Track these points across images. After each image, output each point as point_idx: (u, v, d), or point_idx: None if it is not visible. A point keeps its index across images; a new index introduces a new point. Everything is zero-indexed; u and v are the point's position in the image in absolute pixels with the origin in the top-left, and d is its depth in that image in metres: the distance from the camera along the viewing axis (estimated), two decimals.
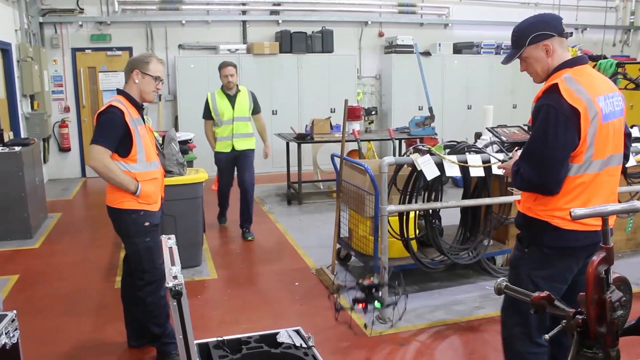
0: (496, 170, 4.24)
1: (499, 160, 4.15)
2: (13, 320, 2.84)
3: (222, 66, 6.49)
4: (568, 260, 2.66)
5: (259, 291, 5.13)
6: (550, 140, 2.50)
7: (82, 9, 10.48)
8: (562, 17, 2.71)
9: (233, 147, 6.62)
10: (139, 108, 3.66)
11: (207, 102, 6.60)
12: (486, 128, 6.85)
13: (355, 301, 4.18)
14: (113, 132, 3.45)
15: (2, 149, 6.73)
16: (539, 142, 2.55)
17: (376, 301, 4.21)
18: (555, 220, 2.59)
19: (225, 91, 6.57)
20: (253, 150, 6.78)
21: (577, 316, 1.97)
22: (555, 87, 2.51)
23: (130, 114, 3.52)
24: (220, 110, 6.53)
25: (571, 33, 2.74)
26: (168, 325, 3.76)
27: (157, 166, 3.72)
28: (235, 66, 6.55)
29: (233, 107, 6.55)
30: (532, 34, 2.66)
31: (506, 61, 2.95)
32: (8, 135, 7.29)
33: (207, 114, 6.63)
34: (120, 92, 3.65)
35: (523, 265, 2.76)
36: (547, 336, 2.06)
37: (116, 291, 4.81)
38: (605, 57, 10.78)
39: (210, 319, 4.55)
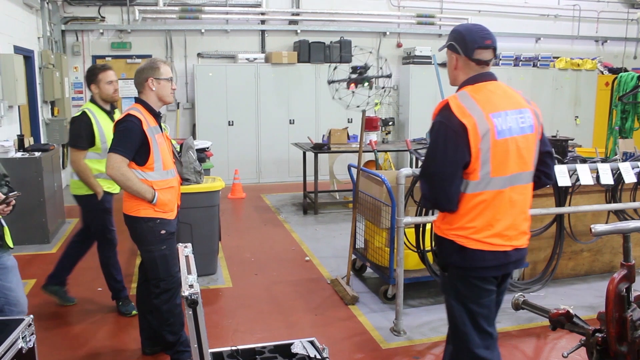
0: None
1: None
2: (30, 325, 2.86)
3: (102, 70, 4.53)
4: (480, 280, 2.60)
5: (274, 301, 5.12)
6: (439, 155, 2.51)
7: (104, 17, 10.62)
8: (493, 36, 2.62)
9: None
10: (157, 116, 3.69)
11: (87, 123, 4.45)
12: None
13: (349, 83, 4.92)
14: (131, 141, 3.48)
15: (22, 155, 6.82)
16: (430, 158, 2.57)
17: (366, 82, 5.01)
18: (460, 239, 2.58)
19: (102, 106, 4.58)
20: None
21: (596, 334, 1.93)
22: (447, 104, 2.53)
23: (148, 123, 3.54)
24: (109, 137, 4.27)
25: (487, 61, 2.61)
26: (182, 334, 3.76)
27: (173, 174, 3.74)
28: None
29: None
30: (450, 40, 2.68)
31: (440, 48, 2.99)
32: (28, 141, 7.39)
33: (89, 141, 4.45)
34: (138, 100, 3.69)
35: (450, 289, 2.73)
36: (566, 353, 2.03)
37: (131, 298, 4.83)
38: (625, 70, 10.68)
39: (224, 327, 4.55)
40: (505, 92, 2.63)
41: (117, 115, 4.50)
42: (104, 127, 4.48)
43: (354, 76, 5.28)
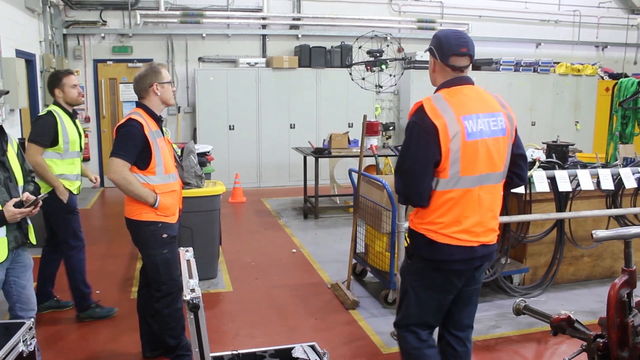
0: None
1: None
2: (30, 329, 2.86)
3: (66, 74, 4.77)
4: (445, 273, 2.77)
5: (275, 305, 5.12)
6: (411, 153, 2.67)
7: (105, 21, 10.65)
8: (471, 43, 2.72)
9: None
10: (158, 120, 3.71)
11: (52, 122, 4.50)
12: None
13: (367, 65, 5.37)
14: (132, 145, 3.49)
15: None
16: (403, 155, 2.73)
17: (382, 64, 5.43)
18: (429, 233, 2.74)
19: (67, 109, 4.67)
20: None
21: (598, 339, 1.93)
22: (421, 106, 2.67)
23: (149, 127, 3.55)
24: (72, 138, 4.58)
25: (462, 68, 2.73)
26: (183, 338, 3.76)
27: (175, 178, 3.75)
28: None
29: (79, 134, 4.75)
30: (430, 44, 2.81)
31: (424, 51, 3.25)
32: None
33: (51, 139, 4.48)
34: (139, 105, 3.70)
35: (407, 274, 2.94)
36: (567, 358, 2.03)
37: (132, 302, 4.83)
38: (626, 76, 10.71)
39: (225, 332, 4.55)
40: (480, 96, 2.74)
41: (79, 122, 4.83)
42: (67, 128, 4.56)
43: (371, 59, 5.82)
